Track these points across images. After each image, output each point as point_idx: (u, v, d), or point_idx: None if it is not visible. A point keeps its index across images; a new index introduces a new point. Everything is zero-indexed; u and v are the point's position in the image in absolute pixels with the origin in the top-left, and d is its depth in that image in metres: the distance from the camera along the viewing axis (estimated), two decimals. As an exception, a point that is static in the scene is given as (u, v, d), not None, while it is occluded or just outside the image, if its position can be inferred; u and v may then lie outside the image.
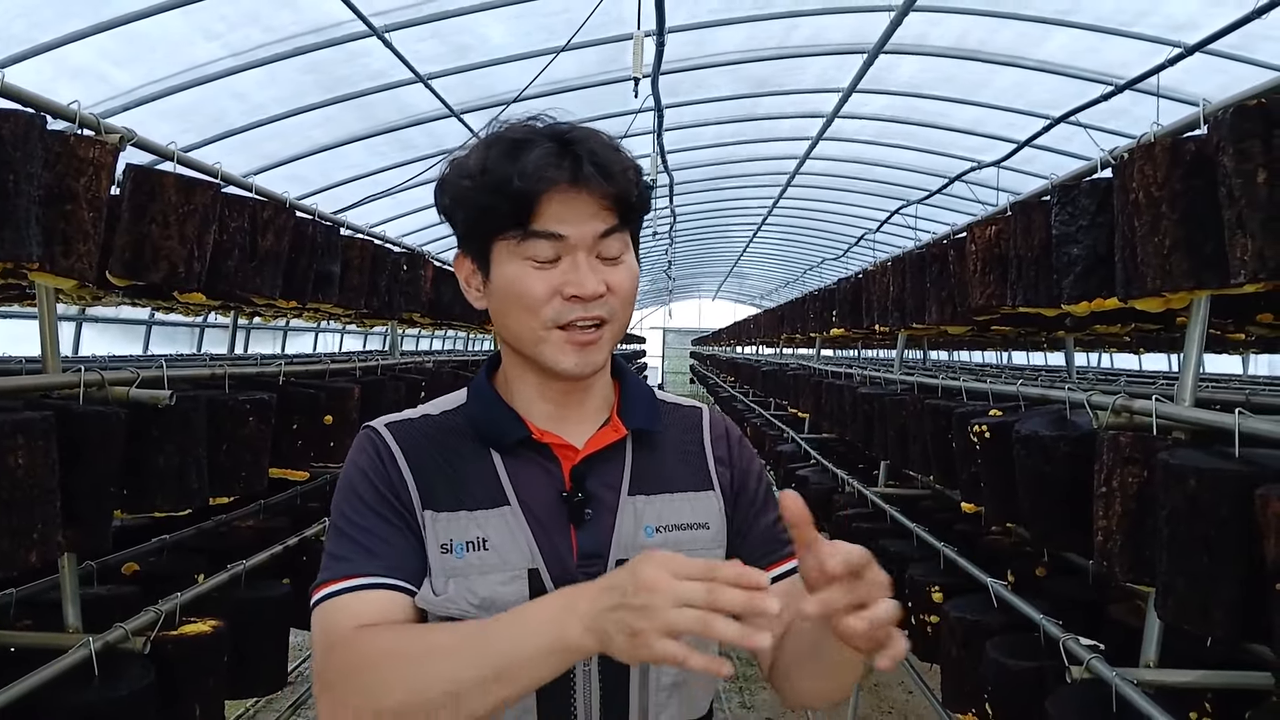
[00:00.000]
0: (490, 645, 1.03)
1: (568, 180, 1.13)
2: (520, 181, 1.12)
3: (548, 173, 1.12)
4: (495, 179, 1.14)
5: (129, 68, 5.74)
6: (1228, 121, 1.68)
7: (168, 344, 9.61)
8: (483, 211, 1.17)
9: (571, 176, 1.13)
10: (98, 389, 2.33)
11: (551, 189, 1.13)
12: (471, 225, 1.20)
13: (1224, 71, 6.19)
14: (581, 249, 1.15)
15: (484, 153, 1.17)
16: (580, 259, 1.15)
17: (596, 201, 1.15)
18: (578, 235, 1.15)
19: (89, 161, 2.18)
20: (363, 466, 1.22)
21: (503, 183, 1.13)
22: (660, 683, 1.22)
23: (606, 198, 1.15)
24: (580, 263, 1.15)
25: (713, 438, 1.35)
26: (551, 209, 1.14)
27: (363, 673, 1.07)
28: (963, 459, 3.09)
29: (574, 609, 0.99)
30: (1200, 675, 2.15)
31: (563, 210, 1.14)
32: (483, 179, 1.16)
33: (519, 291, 1.16)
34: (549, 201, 1.13)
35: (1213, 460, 1.74)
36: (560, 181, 1.13)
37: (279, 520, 3.95)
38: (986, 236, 2.97)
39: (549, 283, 1.15)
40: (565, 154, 1.14)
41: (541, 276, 1.15)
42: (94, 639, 2.25)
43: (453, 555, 1.17)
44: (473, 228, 1.21)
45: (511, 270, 1.17)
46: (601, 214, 1.16)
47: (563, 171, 1.13)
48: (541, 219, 1.14)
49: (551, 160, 1.13)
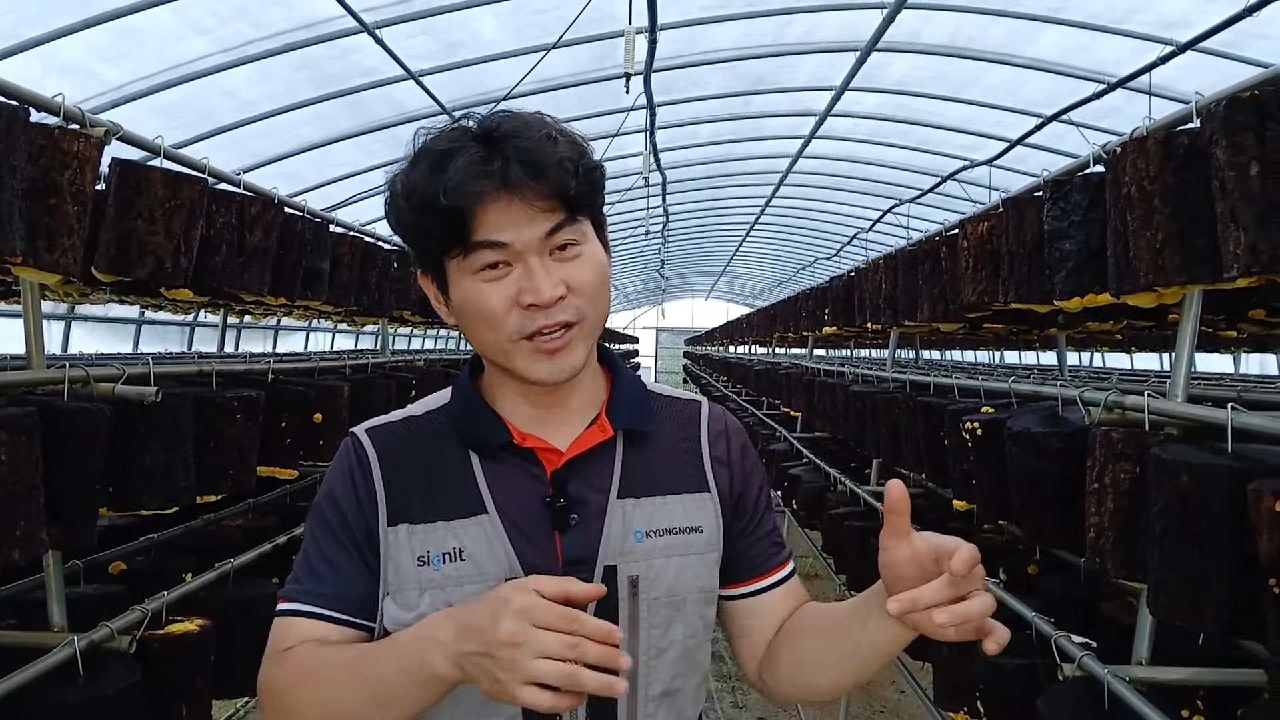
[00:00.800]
0: (369, 671, 1.06)
1: (496, 188, 1.07)
2: (447, 199, 1.07)
3: (473, 186, 1.07)
4: (424, 198, 1.09)
5: (118, 64, 5.70)
6: (1221, 114, 1.67)
7: (158, 343, 9.57)
8: (420, 233, 1.13)
9: (500, 182, 1.07)
10: (82, 385, 2.30)
11: (482, 200, 1.08)
12: (418, 246, 1.17)
13: (1216, 70, 6.20)
14: (530, 253, 1.10)
15: (411, 170, 1.13)
16: (533, 264, 1.10)
17: (533, 204, 1.09)
18: (522, 240, 1.09)
19: (73, 155, 2.16)
20: (335, 484, 1.22)
21: (431, 201, 1.08)
22: (649, 692, 1.20)
23: (543, 197, 1.09)
24: (534, 268, 1.10)
25: (711, 435, 1.31)
26: (488, 219, 1.09)
27: (276, 694, 1.13)
28: (955, 456, 3.08)
29: (435, 639, 1.00)
30: (1193, 673, 2.14)
31: (499, 218, 1.09)
32: (414, 198, 1.11)
33: (478, 308, 1.12)
34: (483, 212, 1.08)
35: (1205, 455, 1.73)
36: (489, 191, 1.07)
37: (268, 519, 3.93)
38: (979, 233, 2.96)
39: (504, 294, 1.11)
40: (492, 158, 1.08)
41: (495, 289, 1.11)
42: (79, 638, 2.22)
43: (429, 567, 1.15)
44: (418, 249, 1.17)
45: (466, 286, 1.13)
46: (542, 215, 1.10)
47: (490, 180, 1.07)
48: (480, 230, 1.09)
49: (477, 169, 1.07)
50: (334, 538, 1.19)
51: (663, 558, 1.20)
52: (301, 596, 1.18)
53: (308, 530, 1.23)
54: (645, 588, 1.18)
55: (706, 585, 1.25)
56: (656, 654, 1.19)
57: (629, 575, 1.18)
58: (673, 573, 1.20)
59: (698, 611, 1.23)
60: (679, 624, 1.21)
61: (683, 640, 1.22)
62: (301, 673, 1.11)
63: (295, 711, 1.10)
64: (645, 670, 1.19)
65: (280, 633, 1.17)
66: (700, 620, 1.24)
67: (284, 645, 1.16)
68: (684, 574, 1.21)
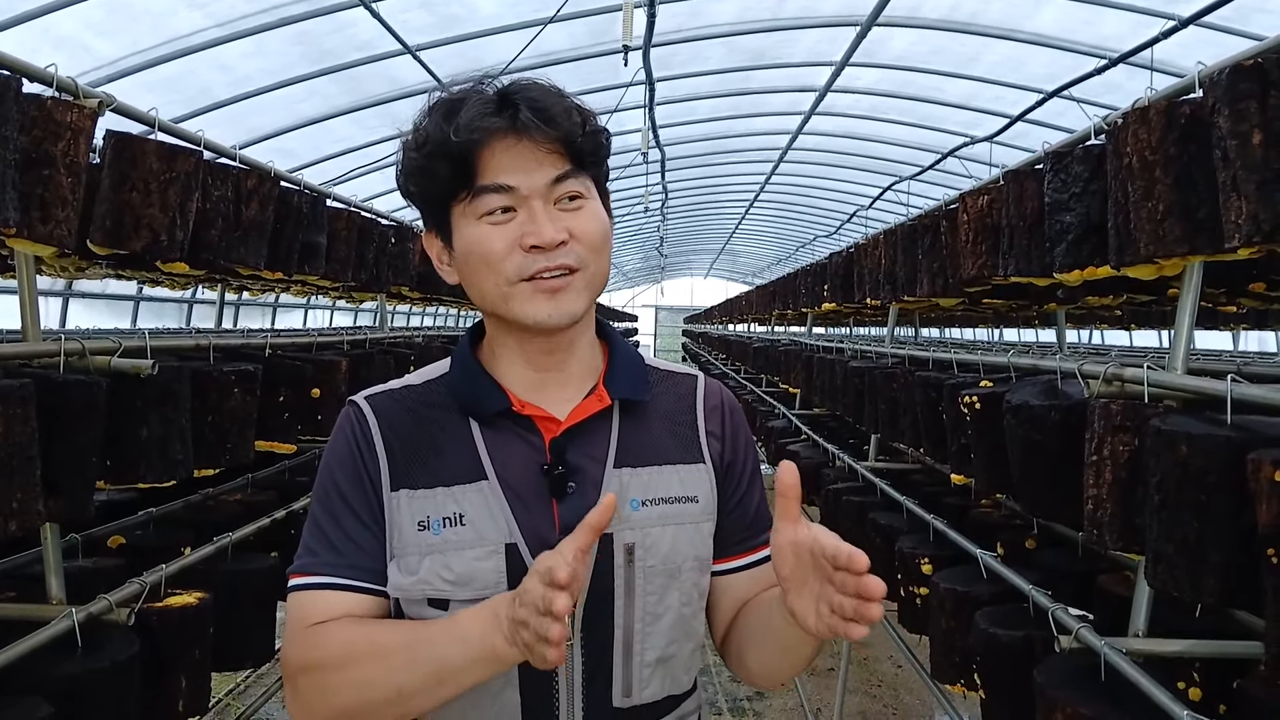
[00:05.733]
0: (430, 651, 1.07)
1: (505, 129, 1.11)
2: (456, 137, 1.10)
3: (483, 123, 1.10)
4: (435, 142, 1.12)
5: (112, 38, 5.66)
6: (1223, 82, 1.65)
7: (156, 320, 9.54)
8: (429, 178, 1.15)
9: (509, 124, 1.10)
10: (78, 358, 2.29)
11: (490, 140, 1.11)
12: (425, 195, 1.19)
13: (1217, 44, 6.15)
14: (535, 198, 1.12)
15: (425, 121, 1.16)
16: (536, 207, 1.12)
17: (542, 147, 1.12)
18: (528, 184, 1.12)
19: (66, 126, 2.14)
20: (339, 452, 1.22)
21: (442, 143, 1.11)
22: (644, 659, 1.21)
23: (551, 141, 1.12)
24: (537, 211, 1.12)
25: (706, 409, 1.32)
26: (495, 160, 1.11)
27: (314, 672, 1.12)
28: (953, 431, 3.08)
29: (498, 618, 1.03)
30: (1189, 644, 2.15)
31: (507, 160, 1.11)
32: (426, 146, 1.14)
33: (480, 252, 1.14)
34: (490, 153, 1.11)
35: (1205, 426, 1.72)
36: (497, 131, 1.10)
37: (266, 494, 3.92)
38: (979, 206, 2.95)
39: (507, 237, 1.13)
40: (503, 104, 1.11)
41: (499, 232, 1.13)
42: (77, 610, 2.23)
43: (429, 532, 1.16)
44: (426, 198, 1.19)
45: (470, 232, 1.14)
46: (550, 159, 1.13)
47: (500, 120, 1.10)
48: (486, 172, 1.12)
49: (487, 110, 1.10)
50: (345, 506, 1.19)
51: (658, 526, 1.21)
52: (321, 569, 1.17)
53: (315, 500, 1.23)
54: (641, 555, 1.19)
55: (701, 554, 1.26)
56: (652, 620, 1.20)
57: (625, 543, 1.19)
58: (668, 541, 1.21)
59: (693, 580, 1.24)
60: (674, 591, 1.22)
61: (678, 607, 1.23)
62: (347, 651, 1.10)
63: (340, 690, 1.10)
64: (641, 636, 1.20)
65: (304, 608, 1.16)
66: (695, 589, 1.25)
67: (311, 620, 1.15)
68: (679, 542, 1.22)
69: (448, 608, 1.14)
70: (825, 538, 0.98)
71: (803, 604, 1.03)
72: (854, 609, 0.96)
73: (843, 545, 0.96)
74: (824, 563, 0.98)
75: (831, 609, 0.98)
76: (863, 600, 0.95)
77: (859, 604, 0.95)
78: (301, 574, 1.18)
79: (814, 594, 1.02)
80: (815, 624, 1.01)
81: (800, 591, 1.03)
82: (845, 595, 0.96)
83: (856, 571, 0.94)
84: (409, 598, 1.17)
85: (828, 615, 0.99)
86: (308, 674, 1.12)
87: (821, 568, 0.99)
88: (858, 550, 0.95)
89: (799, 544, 1.02)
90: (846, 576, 0.96)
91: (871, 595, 0.94)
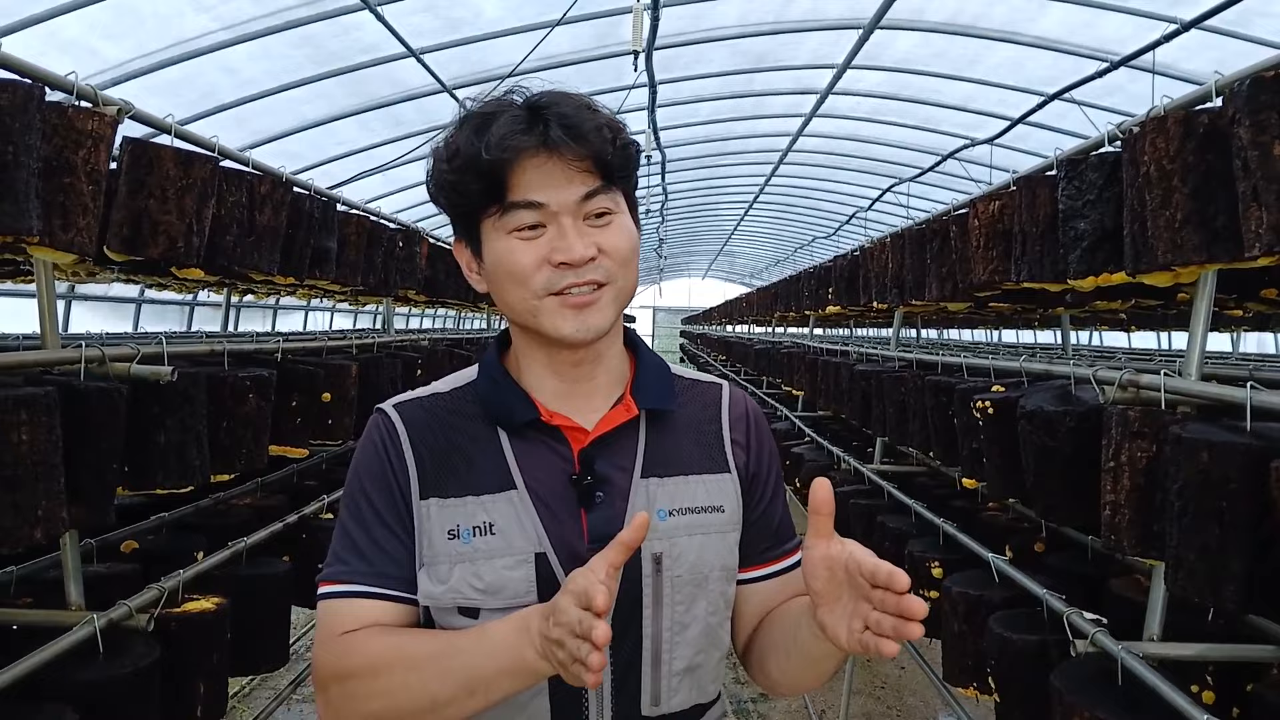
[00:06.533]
0: (461, 661, 1.08)
1: (536, 146, 1.11)
2: (488, 155, 1.10)
3: (514, 141, 1.10)
4: (467, 157, 1.13)
5: (119, 41, 5.65)
6: (1244, 93, 1.67)
7: (158, 322, 9.54)
8: (460, 192, 1.16)
9: (541, 141, 1.11)
10: (98, 365, 2.30)
11: (521, 158, 1.11)
12: (455, 208, 1.19)
13: (1219, 48, 6.17)
14: (565, 214, 1.13)
15: (456, 133, 1.17)
16: (566, 224, 1.13)
17: (572, 164, 1.12)
18: (558, 201, 1.13)
19: (87, 134, 2.15)
20: (368, 460, 1.23)
21: (473, 159, 1.12)
22: (672, 668, 1.21)
23: (582, 159, 1.13)
24: (566, 228, 1.13)
25: (732, 418, 1.33)
26: (526, 177, 1.12)
27: (346, 680, 1.13)
28: (965, 435, 3.09)
29: (529, 631, 1.03)
30: (1205, 648, 2.16)
31: (538, 177, 1.12)
32: (457, 160, 1.14)
33: (508, 265, 1.15)
34: (521, 170, 1.12)
35: (1226, 434, 1.73)
36: (528, 148, 1.11)
37: (276, 498, 3.93)
38: (990, 211, 2.96)
39: (536, 252, 1.13)
40: (534, 120, 1.12)
41: (528, 247, 1.13)
42: (98, 616, 2.24)
43: (459, 541, 1.17)
44: (457, 210, 1.19)
45: (500, 246, 1.15)
46: (580, 176, 1.13)
47: (531, 138, 1.11)
48: (517, 189, 1.12)
49: (519, 128, 1.11)
50: (374, 514, 1.20)
51: (685, 536, 1.22)
52: (352, 577, 1.18)
53: (344, 508, 1.23)
54: (669, 565, 1.20)
55: (728, 563, 1.27)
56: (680, 630, 1.21)
57: (653, 553, 1.19)
58: (695, 551, 1.22)
59: (719, 589, 1.25)
60: (702, 601, 1.23)
61: (705, 617, 1.23)
62: (378, 660, 1.11)
63: (371, 698, 1.11)
64: (669, 646, 1.21)
65: (335, 617, 1.17)
66: (722, 598, 1.26)
67: (342, 629, 1.16)
68: (706, 552, 1.23)
69: (478, 616, 1.15)
70: (862, 555, 0.99)
71: (834, 619, 1.03)
72: (893, 627, 0.96)
73: (882, 564, 0.97)
74: (860, 580, 0.99)
75: (866, 625, 0.99)
76: (902, 620, 0.96)
77: (899, 623, 0.96)
78: (332, 582, 1.19)
79: (847, 610, 1.02)
80: (848, 640, 1.01)
81: (833, 607, 1.03)
82: (884, 613, 0.97)
83: (898, 591, 0.95)
84: (439, 606, 1.17)
85: (860, 631, 0.99)
86: (339, 682, 1.13)
87: (858, 585, 1.00)
88: (898, 569, 0.96)
89: (833, 559, 1.02)
90: (886, 595, 0.96)
91: (913, 615, 0.95)
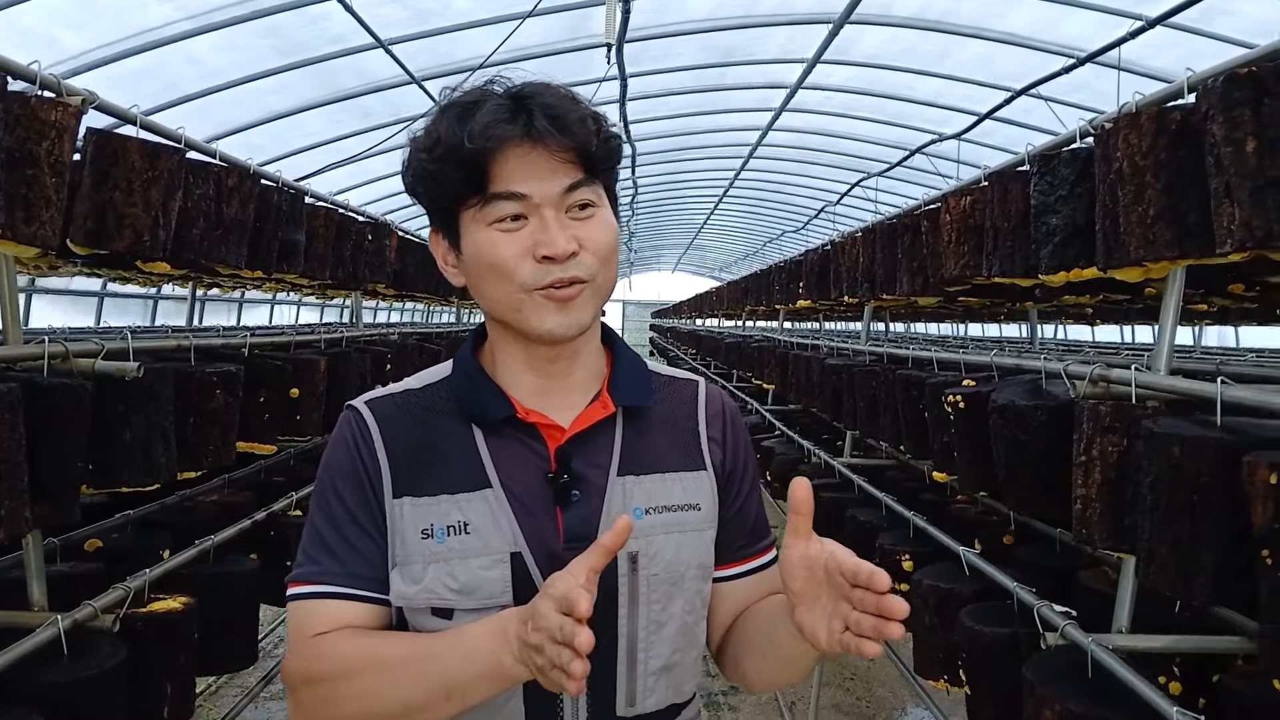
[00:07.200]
0: (436, 665, 1.06)
1: (520, 136, 1.09)
2: (471, 144, 1.08)
3: (497, 130, 1.08)
4: (448, 146, 1.10)
5: (79, 30, 5.55)
6: (1218, 89, 1.68)
7: (121, 316, 9.39)
8: (441, 182, 1.13)
9: (524, 132, 1.09)
10: (62, 361, 2.25)
11: (504, 147, 1.09)
12: (434, 198, 1.17)
13: (1183, 45, 6.25)
14: (548, 206, 1.11)
15: (437, 122, 1.14)
16: (548, 216, 1.11)
17: (556, 155, 1.10)
18: (541, 193, 1.11)
19: (51, 124, 2.10)
20: (339, 458, 1.20)
21: (455, 149, 1.09)
22: (648, 667, 1.20)
23: (566, 150, 1.11)
24: (549, 221, 1.11)
25: (708, 415, 1.32)
26: (508, 168, 1.10)
27: (317, 684, 1.11)
28: (935, 429, 3.11)
29: (506, 635, 1.02)
30: (1173, 640, 2.19)
31: (521, 168, 1.10)
32: (437, 149, 1.12)
33: (490, 258, 1.12)
34: (504, 160, 1.10)
35: (1197, 428, 1.75)
36: (512, 138, 1.09)
37: (244, 495, 3.88)
38: (961, 206, 2.97)
39: (519, 245, 1.11)
40: (518, 110, 1.10)
41: (510, 239, 1.11)
42: (62, 617, 2.19)
43: (434, 540, 1.15)
44: (436, 201, 1.17)
45: (480, 238, 1.13)
46: (563, 168, 1.11)
47: (514, 128, 1.09)
48: (499, 180, 1.10)
49: (502, 117, 1.09)
50: (346, 513, 1.18)
51: (662, 534, 1.21)
52: (324, 577, 1.16)
53: (315, 507, 1.21)
54: (645, 564, 1.19)
55: (704, 561, 1.26)
56: (656, 629, 1.20)
57: (629, 551, 1.18)
58: (672, 549, 1.21)
59: (695, 588, 1.25)
60: (678, 599, 1.22)
61: (681, 615, 1.23)
62: (351, 663, 1.10)
63: (344, 702, 1.09)
64: (645, 645, 1.20)
65: (306, 618, 1.15)
66: (698, 596, 1.26)
67: (314, 631, 1.14)
68: (682, 550, 1.22)
69: (452, 617, 1.14)
70: (843, 555, 0.99)
71: (813, 620, 1.02)
72: (873, 627, 0.96)
73: (863, 564, 0.96)
74: (840, 580, 0.98)
75: (846, 626, 0.98)
76: (882, 619, 0.95)
77: (879, 623, 0.95)
78: (303, 582, 1.17)
79: (826, 610, 1.01)
80: (827, 640, 1.01)
81: (811, 607, 1.03)
82: (864, 613, 0.96)
83: (878, 590, 0.94)
84: (412, 606, 1.15)
85: (840, 632, 0.99)
86: (310, 685, 1.11)
87: (837, 585, 0.99)
88: (879, 569, 0.95)
89: (812, 559, 1.02)
90: (866, 595, 0.96)
91: (894, 615, 0.94)
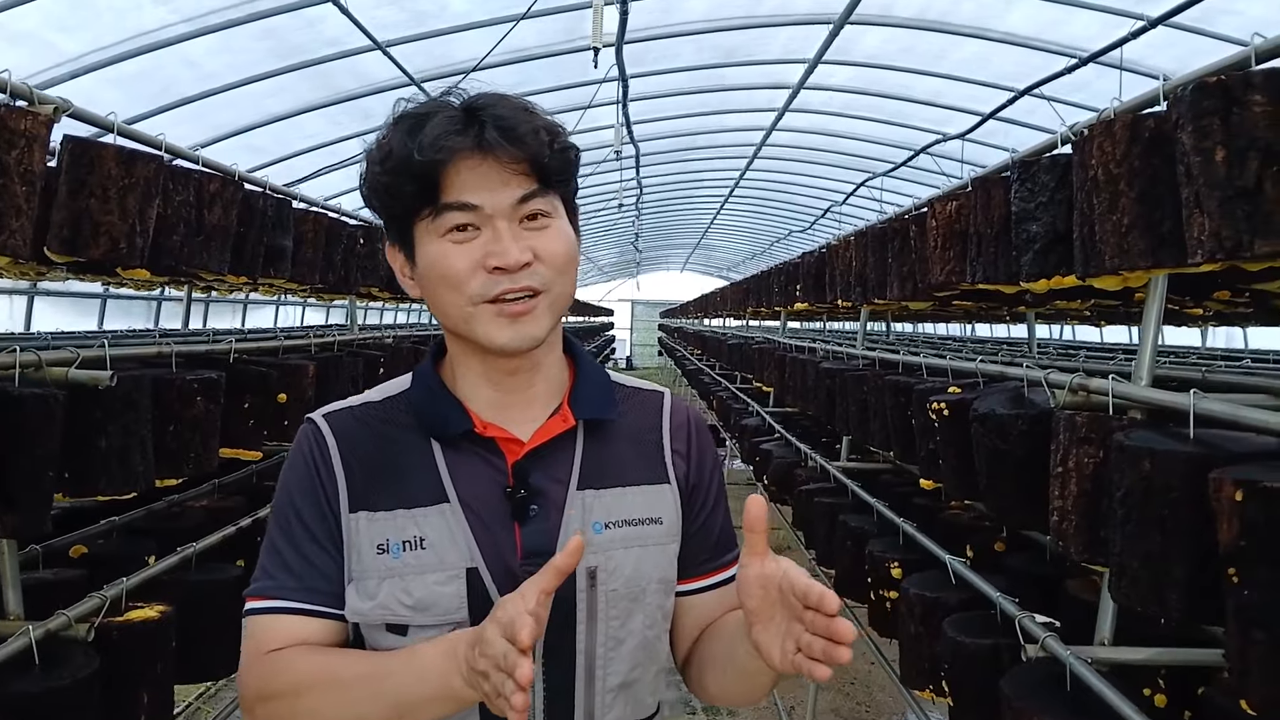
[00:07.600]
0: (390, 684, 1.05)
1: (471, 147, 1.08)
2: (421, 155, 1.07)
3: (448, 141, 1.07)
4: (399, 158, 1.10)
5: (75, 34, 5.55)
6: (1187, 98, 1.65)
7: (123, 318, 9.40)
8: (394, 194, 1.13)
9: (475, 143, 1.08)
10: (34, 370, 2.25)
11: (455, 159, 1.08)
12: (388, 210, 1.16)
13: (1185, 45, 6.21)
14: (500, 218, 1.10)
15: (389, 134, 1.13)
16: (501, 228, 1.10)
17: (508, 167, 1.10)
18: (492, 203, 1.10)
19: (20, 134, 2.10)
20: (296, 473, 1.20)
21: (406, 160, 1.09)
22: (606, 684, 1.19)
23: (518, 162, 1.10)
24: (501, 232, 1.10)
25: (673, 426, 1.30)
26: (460, 179, 1.09)
27: (271, 700, 1.10)
28: (922, 435, 3.09)
29: (456, 657, 1.00)
30: (1155, 653, 2.16)
31: (472, 179, 1.09)
32: (389, 161, 1.11)
33: (441, 269, 1.12)
34: (455, 172, 1.09)
35: (1167, 441, 1.73)
36: (463, 150, 1.08)
37: (233, 499, 3.87)
38: (947, 212, 2.95)
39: (470, 256, 1.10)
40: (469, 122, 1.09)
41: (462, 251, 1.11)
42: (34, 626, 2.18)
43: (389, 555, 1.14)
44: (390, 212, 1.16)
45: (433, 249, 1.12)
46: (516, 179, 1.10)
47: (465, 139, 1.08)
48: (451, 190, 1.09)
49: (453, 129, 1.08)
50: (303, 528, 1.17)
51: (621, 549, 1.19)
52: (279, 592, 1.15)
53: (272, 522, 1.20)
54: (604, 579, 1.18)
55: (666, 575, 1.24)
56: (614, 645, 1.19)
57: (587, 567, 1.17)
58: (631, 564, 1.20)
59: (657, 602, 1.23)
60: (638, 615, 1.20)
61: (642, 631, 1.21)
62: (305, 679, 1.09)
63: (298, 717, 1.08)
64: (603, 662, 1.18)
65: (261, 633, 1.14)
66: (659, 611, 1.24)
67: (269, 647, 1.13)
68: (643, 565, 1.21)
69: (407, 634, 1.13)
70: (795, 575, 0.97)
71: (768, 639, 1.01)
72: (822, 650, 0.95)
73: (814, 584, 0.95)
74: (793, 600, 0.97)
75: (799, 647, 0.97)
76: (831, 643, 0.94)
77: (828, 645, 0.94)
78: (259, 597, 1.16)
79: (780, 630, 1.00)
80: (780, 660, 0.99)
81: (767, 626, 1.02)
82: (815, 635, 0.95)
83: (828, 613, 0.93)
84: (368, 623, 1.14)
85: (793, 653, 0.98)
86: (264, 702, 1.10)
87: (791, 605, 0.98)
88: (829, 591, 0.94)
89: (767, 578, 1.00)
90: (816, 617, 0.95)
91: (842, 639, 0.93)
